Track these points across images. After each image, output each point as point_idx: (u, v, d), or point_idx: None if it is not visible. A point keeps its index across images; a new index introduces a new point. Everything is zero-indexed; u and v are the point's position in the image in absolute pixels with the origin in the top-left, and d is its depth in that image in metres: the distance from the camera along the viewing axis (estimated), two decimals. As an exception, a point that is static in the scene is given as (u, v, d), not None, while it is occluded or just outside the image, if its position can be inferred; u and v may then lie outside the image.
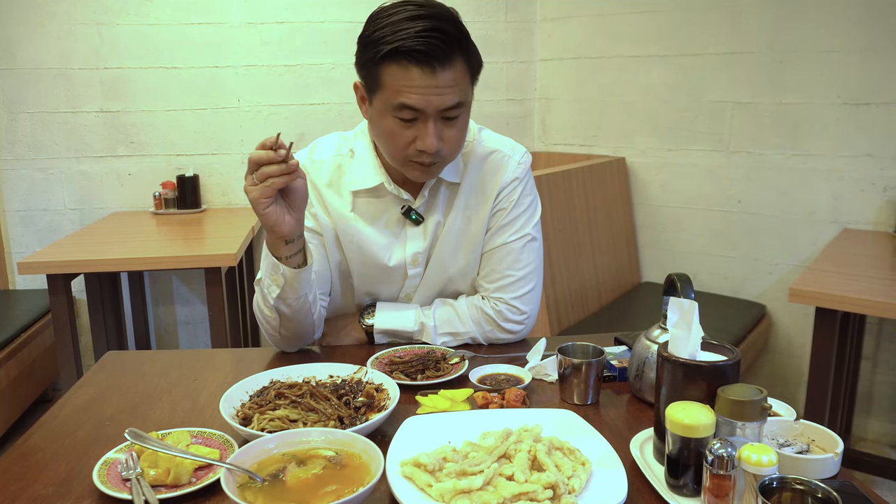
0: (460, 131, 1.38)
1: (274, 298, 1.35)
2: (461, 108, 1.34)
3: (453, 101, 1.31)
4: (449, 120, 1.34)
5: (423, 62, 1.26)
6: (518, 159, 1.53)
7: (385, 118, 1.34)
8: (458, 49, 1.30)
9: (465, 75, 1.33)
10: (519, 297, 1.50)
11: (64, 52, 3.23)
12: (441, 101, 1.30)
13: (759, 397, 0.91)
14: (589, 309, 3.04)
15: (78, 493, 0.97)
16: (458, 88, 1.32)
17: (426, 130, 1.32)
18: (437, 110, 1.31)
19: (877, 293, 2.10)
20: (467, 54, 1.33)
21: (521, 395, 1.21)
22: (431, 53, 1.26)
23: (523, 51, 3.62)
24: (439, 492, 0.91)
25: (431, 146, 1.32)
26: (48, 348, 3.14)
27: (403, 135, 1.33)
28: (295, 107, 3.43)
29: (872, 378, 2.97)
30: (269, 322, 1.41)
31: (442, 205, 1.51)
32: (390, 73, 1.29)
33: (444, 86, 1.29)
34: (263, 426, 1.08)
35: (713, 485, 0.86)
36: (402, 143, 1.34)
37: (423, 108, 1.30)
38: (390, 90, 1.30)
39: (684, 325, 1.01)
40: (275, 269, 1.33)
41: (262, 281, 1.37)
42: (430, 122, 1.31)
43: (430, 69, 1.27)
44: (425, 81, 1.28)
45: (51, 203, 3.35)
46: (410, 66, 1.27)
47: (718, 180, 3.18)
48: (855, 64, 2.78)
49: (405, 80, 1.28)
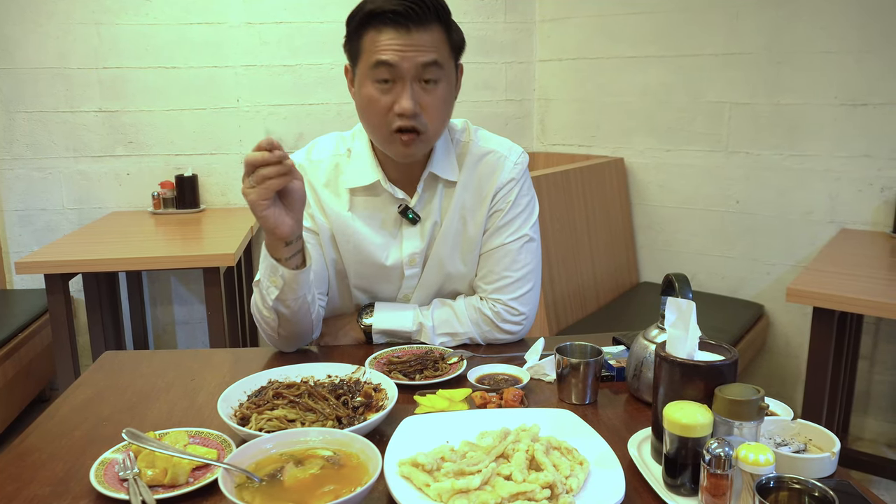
0: (440, 100, 1.38)
1: (273, 300, 1.35)
2: (438, 70, 1.35)
3: (429, 58, 1.33)
4: (427, 84, 1.35)
5: (398, 22, 1.31)
6: (514, 160, 1.52)
7: (364, 86, 1.36)
8: (434, 15, 1.33)
9: (444, 43, 1.36)
10: (517, 297, 1.50)
11: (62, 51, 3.22)
12: (415, 57, 1.32)
13: (757, 397, 0.91)
14: (587, 309, 3.04)
15: (75, 493, 0.97)
16: (435, 50, 1.34)
17: (403, 91, 1.34)
18: (413, 67, 1.33)
19: (874, 293, 2.11)
20: (446, 24, 1.36)
21: (519, 394, 1.21)
22: (405, 14, 1.30)
23: (522, 51, 3.62)
24: (437, 491, 0.91)
25: (408, 106, 1.33)
26: (46, 348, 3.14)
27: (382, 100, 1.35)
28: (294, 107, 3.43)
29: (870, 378, 2.97)
30: (268, 323, 1.41)
31: (439, 205, 1.51)
32: (368, 38, 1.34)
33: (420, 44, 1.32)
34: (261, 426, 1.08)
35: (710, 484, 0.87)
36: (381, 110, 1.36)
37: (397, 63, 1.32)
38: (368, 52, 1.34)
39: (682, 324, 1.01)
40: (273, 271, 1.33)
41: (260, 282, 1.37)
42: (406, 82, 1.33)
43: (405, 29, 1.31)
44: (400, 40, 1.32)
45: (49, 203, 3.35)
46: (386, 27, 1.32)
47: (716, 180, 3.18)
48: (852, 64, 2.78)
49: (382, 41, 1.32)
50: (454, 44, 1.39)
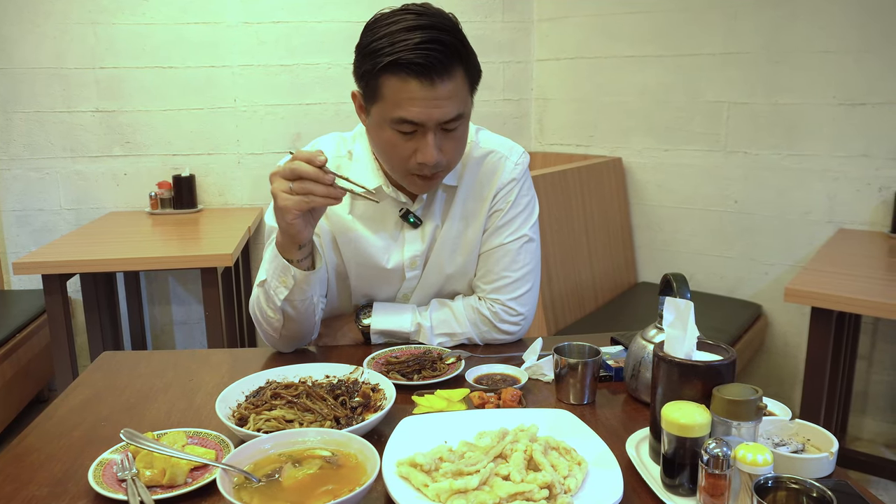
0: (459, 141, 1.37)
1: (281, 300, 1.35)
2: (461, 120, 1.33)
3: (453, 113, 1.30)
4: (448, 132, 1.33)
5: (423, 75, 1.25)
6: (515, 160, 1.52)
7: (384, 130, 1.33)
8: (457, 60, 1.28)
9: (465, 85, 1.32)
10: (516, 298, 1.50)
11: (59, 51, 3.22)
12: (441, 114, 1.29)
13: (755, 397, 0.91)
14: (585, 309, 3.04)
15: (73, 493, 0.97)
16: (458, 100, 1.30)
17: (426, 143, 1.30)
18: (437, 123, 1.30)
19: (872, 293, 2.11)
20: (467, 64, 1.31)
21: (517, 394, 1.21)
22: (430, 66, 1.24)
23: (520, 51, 3.62)
24: (435, 492, 0.91)
25: (431, 159, 1.31)
26: (44, 349, 3.13)
27: (403, 147, 1.32)
28: (291, 107, 3.43)
29: (868, 377, 2.97)
30: (271, 323, 1.41)
31: (439, 207, 1.50)
32: (389, 86, 1.28)
33: (444, 98, 1.27)
34: (259, 426, 1.08)
35: (709, 484, 0.87)
36: (403, 156, 1.34)
37: (423, 122, 1.29)
38: (389, 103, 1.29)
39: (680, 324, 1.01)
40: (285, 271, 1.33)
41: (267, 282, 1.37)
42: (429, 135, 1.30)
43: (430, 82, 1.25)
44: (424, 94, 1.26)
45: (46, 203, 3.35)
46: (409, 78, 1.25)
47: (715, 180, 3.18)
48: (851, 64, 2.78)
49: (404, 93, 1.26)
50: (473, 80, 1.35)
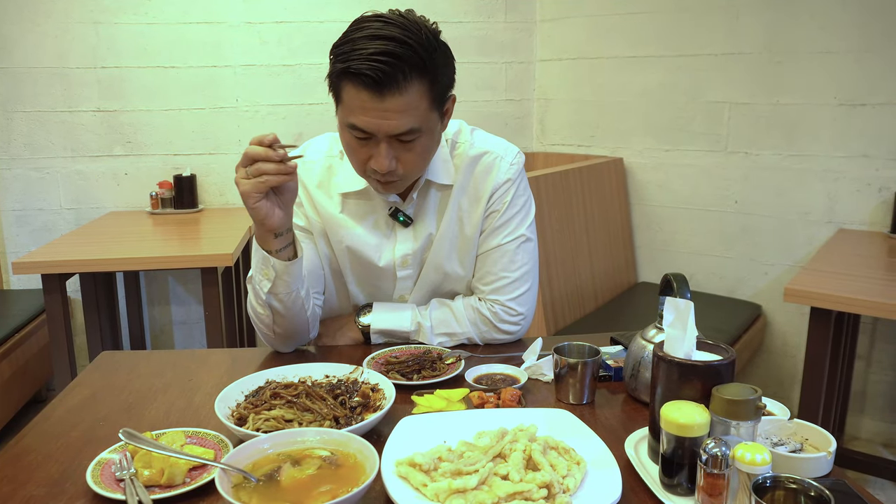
0: (419, 154, 1.35)
1: (265, 293, 1.36)
2: (415, 134, 1.30)
3: (404, 127, 1.28)
4: (405, 143, 1.31)
5: (371, 86, 1.23)
6: (510, 160, 1.52)
7: (343, 132, 1.34)
8: (414, 74, 1.24)
9: (423, 99, 1.28)
10: (515, 298, 1.50)
11: (60, 51, 3.22)
12: (389, 127, 1.27)
13: (754, 397, 0.91)
14: (585, 309, 3.04)
15: (71, 493, 0.97)
16: (411, 114, 1.27)
17: (379, 152, 1.30)
18: (387, 135, 1.29)
19: (872, 293, 2.11)
20: (428, 78, 1.27)
21: (516, 394, 1.21)
22: (378, 79, 1.22)
23: (522, 51, 3.62)
24: (434, 491, 0.91)
25: (382, 167, 1.31)
26: (42, 348, 3.13)
27: (360, 151, 1.33)
28: (293, 106, 3.43)
29: (866, 377, 2.97)
30: (262, 320, 1.41)
31: (434, 208, 1.50)
32: (346, 91, 1.28)
33: (394, 110, 1.25)
34: (259, 426, 1.08)
35: (707, 484, 0.87)
36: (360, 159, 1.35)
37: (372, 132, 1.28)
38: (346, 108, 1.29)
39: (680, 324, 1.01)
40: (265, 263, 1.34)
41: (252, 277, 1.38)
42: (381, 144, 1.30)
43: (379, 94, 1.24)
44: (374, 105, 1.25)
45: (46, 202, 3.35)
46: (360, 88, 1.24)
47: (715, 180, 3.18)
48: (851, 65, 2.78)
49: (356, 101, 1.26)
50: (438, 93, 1.31)
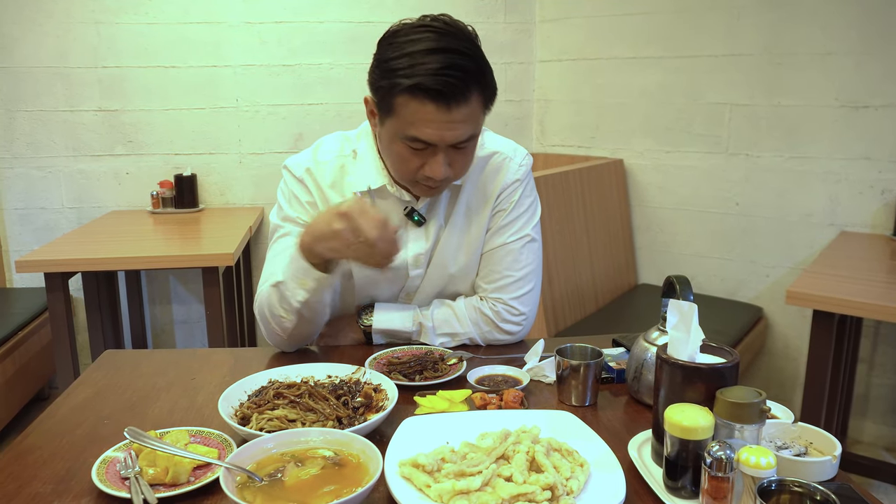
0: (469, 156, 1.39)
1: (299, 302, 1.36)
2: (473, 141, 1.35)
3: (466, 135, 1.32)
4: (459, 149, 1.34)
5: (440, 100, 1.25)
6: (519, 161, 1.53)
7: (395, 142, 1.34)
8: (475, 85, 1.29)
9: (480, 107, 1.33)
10: (517, 297, 1.51)
11: (62, 50, 3.22)
12: (454, 136, 1.30)
13: (758, 400, 0.91)
14: (586, 310, 3.04)
15: (76, 491, 0.97)
16: (471, 123, 1.32)
17: (436, 160, 1.32)
18: (449, 144, 1.31)
19: (874, 296, 2.11)
20: (484, 87, 1.32)
21: (519, 396, 1.21)
22: (449, 93, 1.25)
23: (522, 52, 3.62)
24: (438, 492, 0.91)
25: (440, 175, 1.33)
26: (45, 346, 3.14)
27: (413, 160, 1.34)
28: (293, 107, 3.43)
29: (868, 381, 2.97)
30: (281, 324, 1.41)
31: (444, 206, 1.51)
32: (405, 105, 1.28)
33: (459, 121, 1.29)
34: (262, 426, 1.08)
35: (711, 487, 0.87)
36: (411, 168, 1.35)
37: (435, 143, 1.30)
38: (403, 121, 1.29)
39: (684, 327, 1.01)
40: (306, 273, 1.33)
41: (284, 284, 1.37)
42: (440, 154, 1.32)
43: (446, 106, 1.26)
44: (440, 117, 1.27)
45: (48, 201, 3.35)
46: (427, 101, 1.26)
47: (716, 182, 3.18)
48: (853, 66, 2.79)
49: (420, 115, 1.27)
50: (488, 100, 1.36)
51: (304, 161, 1.51)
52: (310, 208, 1.48)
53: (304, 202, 1.48)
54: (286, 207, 1.50)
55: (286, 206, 1.50)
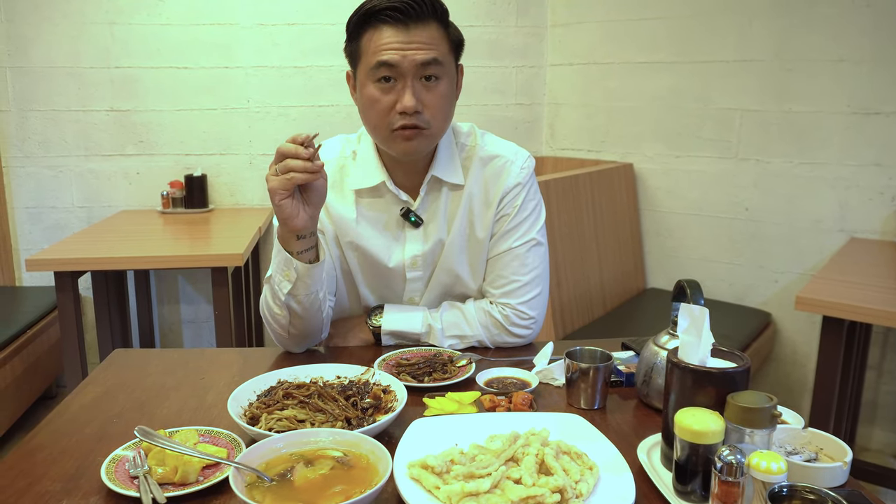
0: (442, 97, 1.39)
1: (285, 294, 1.36)
2: (439, 67, 1.37)
3: (429, 56, 1.34)
4: (428, 81, 1.37)
5: (397, 20, 1.33)
6: (521, 164, 1.53)
7: (366, 87, 1.38)
8: (431, 12, 1.35)
9: (443, 40, 1.38)
10: (525, 301, 1.51)
11: (75, 50, 3.24)
12: (415, 55, 1.34)
13: (770, 405, 0.91)
14: (594, 314, 3.04)
15: (86, 489, 0.97)
16: (434, 47, 1.35)
17: (404, 90, 1.35)
18: (413, 66, 1.34)
19: (884, 302, 2.10)
20: (443, 22, 1.38)
21: (528, 398, 1.21)
22: (402, 10, 1.32)
23: (533, 56, 3.63)
24: (447, 494, 0.91)
25: (410, 103, 1.34)
26: (54, 345, 3.15)
27: (384, 100, 1.36)
28: (304, 108, 3.44)
29: (877, 388, 2.96)
30: (278, 321, 1.41)
31: (445, 208, 1.51)
32: (367, 38, 1.36)
33: (418, 41, 1.34)
34: (271, 426, 1.08)
35: (722, 491, 0.86)
36: (384, 109, 1.37)
37: (397, 63, 1.33)
38: (368, 53, 1.36)
39: (695, 331, 1.01)
40: (287, 264, 1.34)
41: (272, 277, 1.38)
42: (407, 80, 1.35)
43: (404, 26, 1.33)
44: (398, 38, 1.33)
45: (59, 200, 3.37)
46: (384, 26, 1.34)
47: (725, 187, 3.17)
48: (864, 73, 2.77)
49: (381, 40, 1.34)
50: (453, 41, 1.41)
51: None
52: None
53: None
54: None
55: None
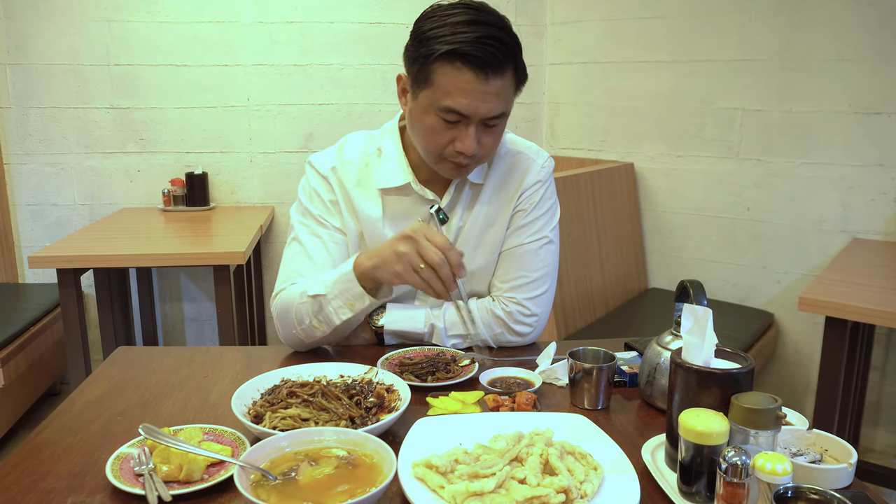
0: (497, 137, 1.40)
1: (342, 320, 1.38)
2: (503, 119, 1.37)
3: (499, 110, 1.34)
4: (489, 127, 1.36)
5: (478, 68, 1.28)
6: (542, 163, 1.54)
7: (428, 115, 1.35)
8: (511, 59, 1.31)
9: (513, 85, 1.36)
10: (531, 298, 1.51)
11: (75, 48, 3.24)
12: (487, 109, 1.32)
13: (774, 406, 0.91)
14: (596, 314, 3.04)
15: (91, 487, 0.97)
16: (505, 98, 1.34)
17: (467, 134, 1.34)
18: (482, 117, 1.33)
19: (887, 303, 2.10)
20: (518, 65, 1.35)
21: (531, 398, 1.21)
22: (487, 60, 1.27)
23: (532, 54, 3.62)
24: (451, 493, 0.91)
25: (470, 150, 1.34)
26: (57, 342, 3.15)
27: (444, 134, 1.35)
28: (304, 106, 3.43)
29: (881, 389, 2.96)
30: (310, 333, 1.42)
31: (464, 205, 1.52)
32: (443, 73, 1.30)
33: (493, 94, 1.31)
34: (275, 424, 1.08)
35: (727, 493, 0.86)
36: (441, 142, 1.36)
37: (469, 114, 1.32)
38: (439, 90, 1.32)
39: (698, 331, 1.01)
40: (358, 298, 1.36)
41: (325, 298, 1.37)
42: (472, 127, 1.34)
43: (484, 76, 1.29)
44: (476, 87, 1.29)
45: (60, 198, 3.37)
46: (465, 69, 1.28)
47: (727, 187, 3.17)
48: (866, 73, 2.77)
49: (457, 83, 1.29)
50: (520, 81, 1.38)
51: (329, 159, 1.51)
52: (332, 207, 1.49)
53: (326, 201, 1.49)
54: (307, 204, 1.51)
55: (307, 202, 1.51)
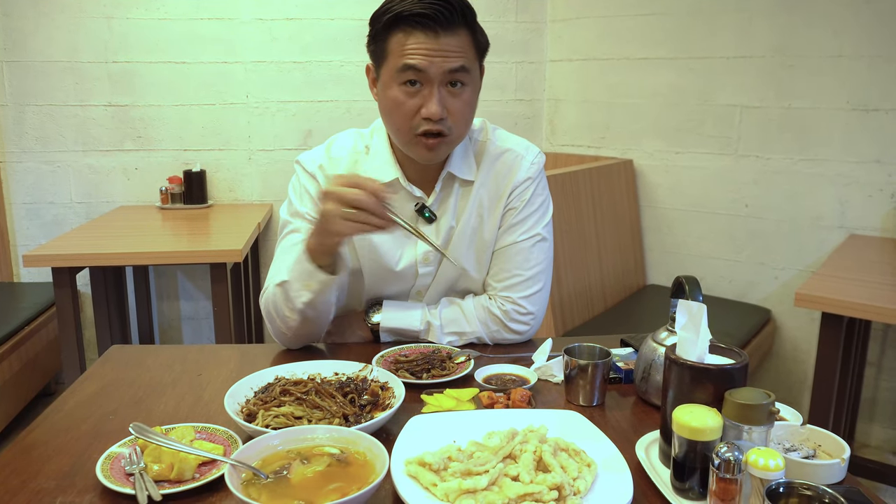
0: (466, 104, 1.39)
1: (303, 303, 1.36)
2: (465, 75, 1.36)
3: (457, 64, 1.33)
4: (454, 88, 1.36)
5: (427, 26, 1.31)
6: (531, 159, 1.53)
7: (391, 88, 1.36)
8: (461, 19, 1.33)
9: (470, 46, 1.36)
10: (526, 296, 1.50)
11: (73, 45, 3.23)
12: (444, 63, 1.32)
13: (767, 401, 0.90)
14: (594, 310, 3.03)
15: (80, 487, 0.97)
16: (463, 55, 1.34)
17: (430, 96, 1.34)
18: (441, 73, 1.33)
19: (883, 299, 2.09)
20: (472, 28, 1.36)
21: (526, 395, 1.20)
22: (434, 17, 1.30)
23: (533, 51, 3.62)
24: (444, 491, 0.91)
25: (435, 111, 1.33)
26: (52, 341, 3.15)
27: (408, 104, 1.35)
28: (303, 103, 3.43)
29: (876, 384, 2.96)
30: (286, 323, 1.41)
31: (455, 204, 1.51)
32: (395, 40, 1.34)
33: (448, 49, 1.32)
34: (268, 423, 1.08)
35: (719, 488, 0.86)
36: (408, 113, 1.36)
37: (425, 69, 1.32)
38: (395, 55, 1.34)
39: (692, 327, 1.00)
40: (310, 276, 1.34)
41: (288, 284, 1.37)
42: (434, 87, 1.34)
43: (434, 32, 1.31)
44: (428, 44, 1.31)
45: (57, 196, 3.36)
46: (414, 30, 1.32)
47: (726, 184, 3.17)
48: (864, 69, 2.77)
49: (409, 43, 1.32)
50: (480, 47, 1.40)
51: (317, 157, 1.51)
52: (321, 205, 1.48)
53: (315, 198, 1.48)
54: (296, 203, 1.50)
55: (297, 201, 1.50)
